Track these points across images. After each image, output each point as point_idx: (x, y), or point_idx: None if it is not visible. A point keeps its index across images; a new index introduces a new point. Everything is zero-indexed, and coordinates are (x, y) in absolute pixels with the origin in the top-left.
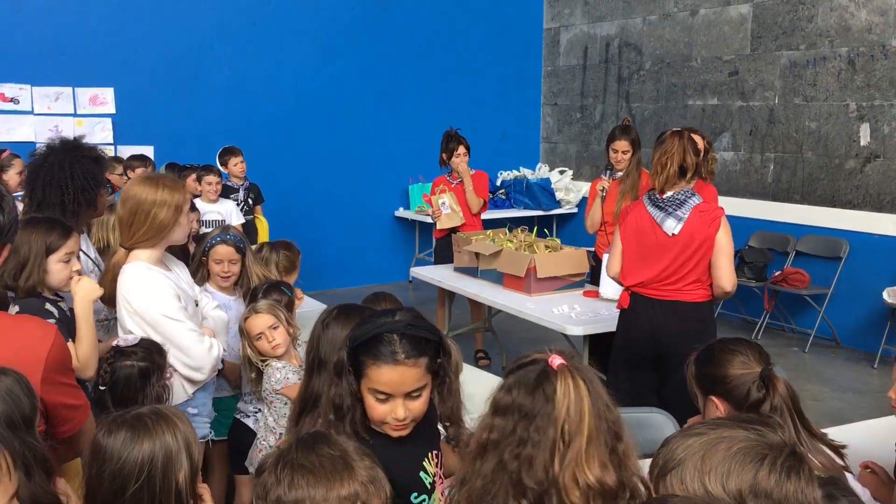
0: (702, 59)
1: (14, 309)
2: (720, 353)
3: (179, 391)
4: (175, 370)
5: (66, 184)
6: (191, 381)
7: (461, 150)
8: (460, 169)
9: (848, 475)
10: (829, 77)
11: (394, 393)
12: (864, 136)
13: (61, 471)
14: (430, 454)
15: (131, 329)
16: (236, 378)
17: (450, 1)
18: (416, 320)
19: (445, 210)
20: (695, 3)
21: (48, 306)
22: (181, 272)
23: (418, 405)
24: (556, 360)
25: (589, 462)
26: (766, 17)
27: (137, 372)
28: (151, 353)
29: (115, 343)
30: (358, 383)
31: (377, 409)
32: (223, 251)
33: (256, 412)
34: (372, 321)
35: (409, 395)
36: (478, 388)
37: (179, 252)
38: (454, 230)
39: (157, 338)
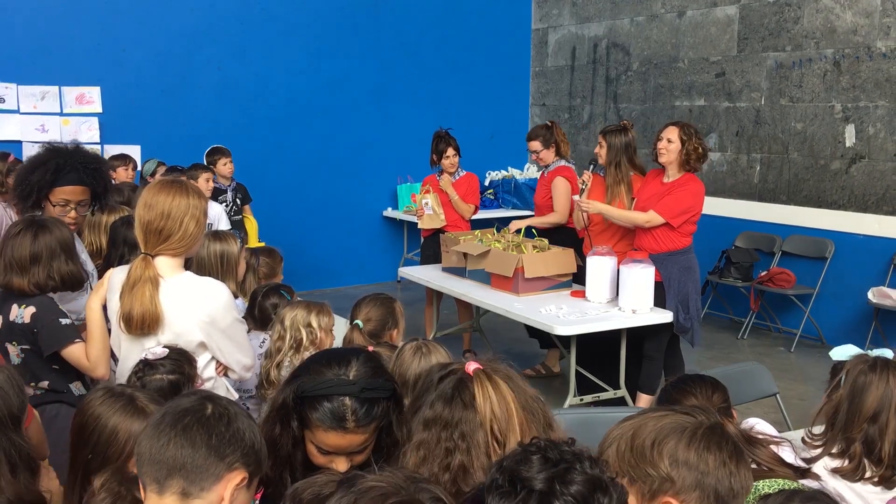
0: (689, 60)
1: (30, 310)
2: (675, 394)
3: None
4: (222, 375)
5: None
6: (239, 381)
7: (450, 151)
8: (443, 183)
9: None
10: (814, 78)
11: (338, 453)
12: (850, 137)
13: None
14: None
15: (202, 340)
16: None
17: (438, 1)
18: (372, 379)
19: (428, 210)
20: (682, 4)
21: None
22: None
23: (362, 458)
24: (471, 366)
25: None
26: (752, 19)
27: (168, 385)
28: (181, 364)
29: (143, 356)
30: (301, 428)
31: (318, 458)
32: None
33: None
34: (322, 374)
35: (353, 452)
36: None
37: None
38: (441, 230)
39: (226, 343)
